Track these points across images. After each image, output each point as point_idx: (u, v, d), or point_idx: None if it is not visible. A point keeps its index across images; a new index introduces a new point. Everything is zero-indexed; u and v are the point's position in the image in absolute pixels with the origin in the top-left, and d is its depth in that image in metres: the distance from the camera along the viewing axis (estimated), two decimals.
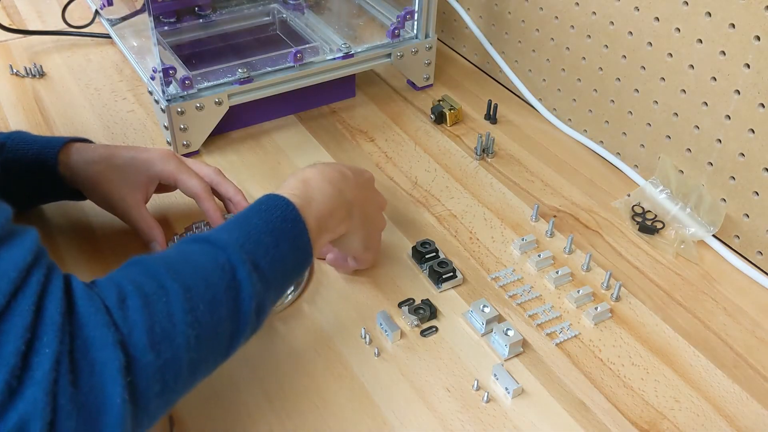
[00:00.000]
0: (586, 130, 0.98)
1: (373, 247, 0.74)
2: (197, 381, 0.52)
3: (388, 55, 1.02)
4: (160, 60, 0.86)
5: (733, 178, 0.80)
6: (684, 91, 0.83)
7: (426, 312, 0.72)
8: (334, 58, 0.98)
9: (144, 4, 0.83)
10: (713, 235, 0.82)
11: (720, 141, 0.80)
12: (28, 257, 0.46)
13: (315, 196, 0.63)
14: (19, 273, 0.44)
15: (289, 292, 0.74)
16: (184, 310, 0.50)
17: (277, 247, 0.57)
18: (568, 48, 0.97)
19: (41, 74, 1.09)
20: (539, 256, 0.79)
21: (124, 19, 1.08)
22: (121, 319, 0.47)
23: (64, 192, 0.78)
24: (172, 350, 0.48)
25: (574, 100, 0.99)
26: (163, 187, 0.78)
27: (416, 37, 1.04)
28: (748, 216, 0.80)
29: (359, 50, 1.00)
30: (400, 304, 0.73)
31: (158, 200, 0.85)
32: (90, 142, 0.79)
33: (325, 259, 0.76)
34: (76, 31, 1.17)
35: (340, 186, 0.66)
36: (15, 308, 0.43)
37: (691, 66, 0.81)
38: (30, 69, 1.08)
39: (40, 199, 0.82)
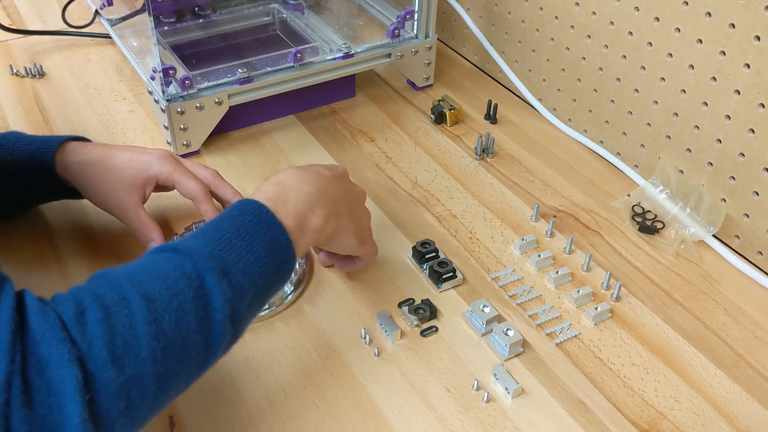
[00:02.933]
0: (586, 130, 0.98)
1: (368, 240, 0.72)
2: (170, 396, 0.50)
3: (388, 55, 1.02)
4: (160, 60, 0.86)
5: (733, 178, 0.80)
6: (684, 91, 0.83)
7: (426, 312, 0.72)
8: (334, 58, 0.98)
9: (144, 4, 0.83)
10: (713, 235, 0.82)
11: (720, 141, 0.80)
12: None
13: (290, 196, 0.61)
14: None
15: (289, 292, 0.74)
16: (147, 322, 0.47)
17: (251, 251, 0.55)
18: (568, 48, 0.97)
19: (41, 74, 1.09)
20: (539, 256, 0.79)
21: (124, 19, 1.08)
22: (79, 333, 0.45)
23: (62, 191, 0.77)
24: (135, 365, 0.46)
25: (574, 100, 0.99)
26: (162, 187, 0.77)
27: (416, 37, 1.04)
28: (748, 216, 0.80)
29: (359, 50, 1.00)
30: (400, 304, 0.73)
31: (158, 201, 0.85)
32: (87, 140, 0.79)
33: (330, 266, 0.76)
34: (76, 31, 1.17)
35: (319, 185, 0.64)
36: None
37: (691, 66, 0.81)
38: (30, 69, 1.08)
39: (38, 199, 0.81)
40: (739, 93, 0.77)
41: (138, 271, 0.51)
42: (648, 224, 0.84)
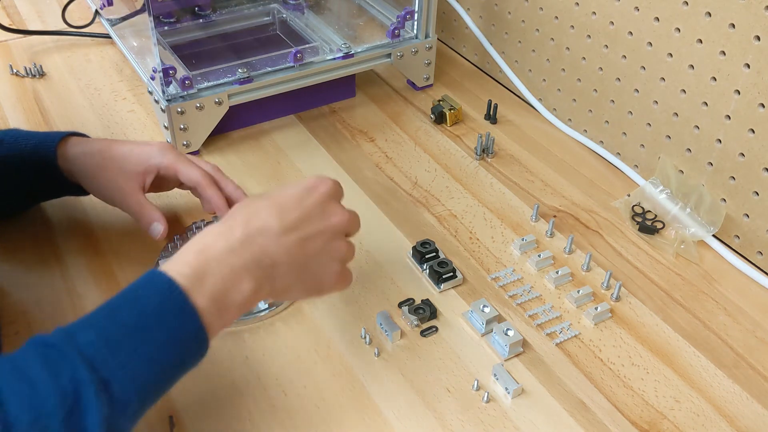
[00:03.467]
0: (586, 130, 0.98)
1: (330, 285, 0.61)
2: None
3: (388, 55, 1.02)
4: (160, 60, 0.86)
5: (733, 178, 0.80)
6: (684, 91, 0.83)
7: (426, 312, 0.72)
8: (334, 58, 0.98)
9: (144, 4, 0.83)
10: (713, 235, 0.82)
11: (720, 141, 0.80)
12: None
13: (211, 269, 0.52)
14: None
15: None
16: None
17: (149, 344, 0.48)
18: (568, 48, 0.97)
19: (41, 74, 1.09)
20: (539, 256, 0.79)
21: (124, 19, 1.08)
22: None
23: (64, 186, 0.77)
24: None
25: (574, 100, 0.99)
26: (161, 183, 0.77)
27: (416, 37, 1.04)
28: (748, 216, 0.80)
29: (359, 50, 1.00)
30: (400, 304, 0.73)
31: (157, 201, 0.85)
32: (87, 136, 0.79)
33: None
34: (76, 31, 1.17)
35: (254, 248, 0.54)
36: None
37: (691, 66, 0.81)
38: (30, 69, 1.08)
39: (39, 195, 0.81)
40: (739, 93, 0.77)
41: (6, 380, 0.44)
42: (648, 224, 0.84)
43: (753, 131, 0.76)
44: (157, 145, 0.76)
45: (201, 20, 1.07)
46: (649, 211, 0.86)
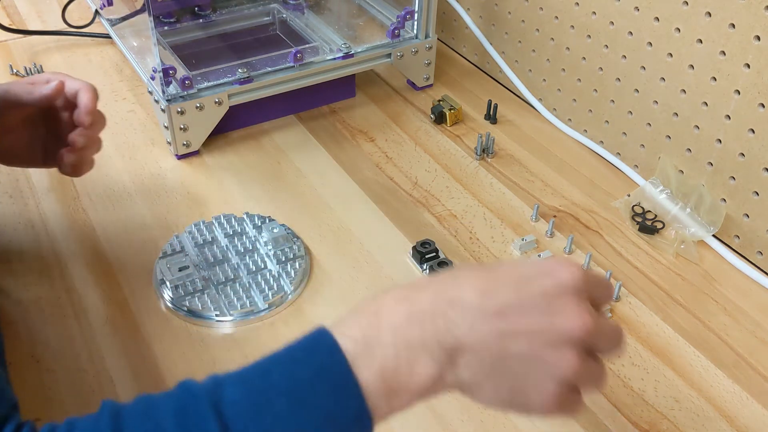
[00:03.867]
0: (586, 130, 0.98)
1: (534, 406, 0.43)
2: None
3: (388, 55, 1.02)
4: (160, 60, 0.86)
5: (733, 178, 0.80)
6: (684, 91, 0.83)
7: None
8: (334, 58, 0.98)
9: (144, 4, 0.83)
10: (713, 235, 0.82)
11: (720, 141, 0.80)
12: None
13: (384, 338, 0.41)
14: None
15: (289, 291, 0.73)
16: None
17: (294, 416, 0.40)
18: (568, 48, 0.97)
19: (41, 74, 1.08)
20: (539, 256, 0.78)
21: (124, 19, 1.08)
22: None
23: None
24: None
25: (574, 100, 0.99)
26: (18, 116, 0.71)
27: (416, 37, 1.04)
28: (748, 216, 0.80)
29: (359, 50, 1.00)
30: None
31: (157, 201, 0.85)
32: None
33: None
34: (76, 31, 1.17)
35: (449, 315, 0.42)
36: None
37: (691, 66, 0.81)
38: (30, 69, 1.08)
39: None
40: (739, 93, 0.77)
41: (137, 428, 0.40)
42: (648, 224, 0.84)
43: (753, 131, 0.76)
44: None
45: (201, 20, 1.07)
46: (649, 211, 0.86)
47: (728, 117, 0.78)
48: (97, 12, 1.15)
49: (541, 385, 0.42)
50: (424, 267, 0.77)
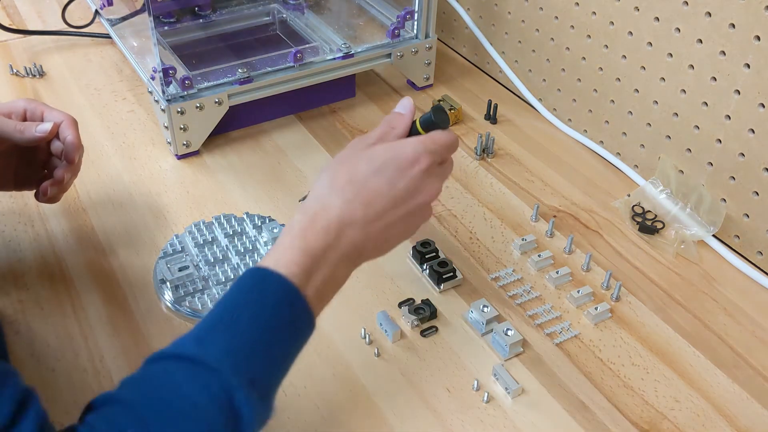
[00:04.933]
0: (586, 130, 0.98)
1: (394, 245, 0.61)
2: None
3: (388, 55, 1.02)
4: (160, 60, 0.86)
5: (733, 178, 0.80)
6: (684, 91, 0.83)
7: (426, 312, 0.72)
8: (334, 58, 0.98)
9: (144, 4, 0.83)
10: (713, 235, 0.82)
11: (720, 141, 0.80)
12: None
13: (316, 267, 0.53)
14: None
15: None
16: None
17: (277, 342, 0.50)
18: (568, 48, 0.97)
19: (41, 74, 1.09)
20: (539, 256, 0.79)
21: (124, 19, 1.08)
22: None
23: None
24: None
25: (574, 100, 0.99)
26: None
27: (416, 37, 1.04)
28: (748, 216, 0.80)
29: (359, 50, 1.00)
30: (400, 304, 0.73)
31: (157, 200, 0.85)
32: None
33: None
34: (76, 31, 1.17)
35: (348, 234, 0.56)
36: None
37: (691, 66, 0.81)
38: (30, 69, 1.08)
39: None
40: (739, 93, 0.77)
41: (161, 399, 0.46)
42: (648, 224, 0.84)
43: (753, 131, 0.76)
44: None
45: (201, 20, 1.07)
46: (649, 211, 0.86)
47: (728, 117, 0.78)
48: (97, 12, 1.15)
49: (407, 233, 0.60)
50: (424, 267, 0.77)
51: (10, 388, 0.44)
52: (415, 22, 1.03)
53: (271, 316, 0.50)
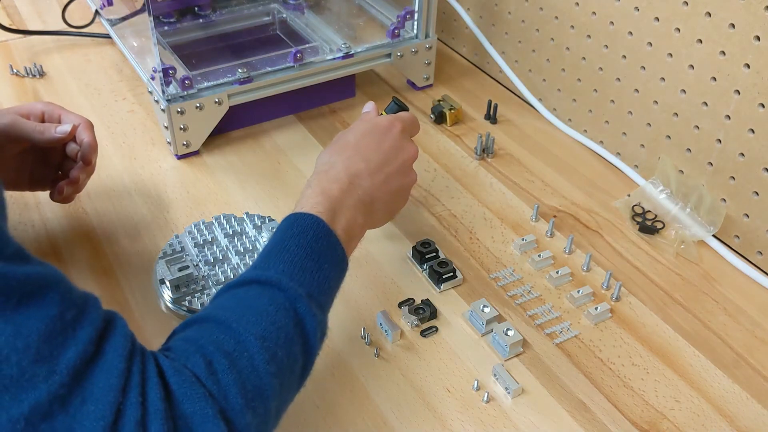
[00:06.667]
0: (586, 130, 0.98)
1: (400, 208, 0.74)
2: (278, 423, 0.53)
3: (388, 55, 1.02)
4: (160, 60, 0.86)
5: (733, 178, 0.80)
6: (684, 91, 0.83)
7: (426, 312, 0.72)
8: (334, 58, 0.98)
9: (144, 4, 0.83)
10: (713, 235, 0.82)
11: (720, 141, 0.80)
12: (128, 344, 0.45)
13: (338, 208, 0.62)
14: (126, 364, 0.44)
15: None
16: (265, 361, 0.49)
17: (320, 269, 0.57)
18: (568, 48, 0.97)
19: (41, 74, 1.09)
20: (539, 256, 0.78)
21: (124, 19, 1.08)
22: (215, 386, 0.47)
23: None
24: (264, 405, 0.49)
25: (574, 100, 0.99)
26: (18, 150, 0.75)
27: (416, 37, 1.04)
28: (748, 216, 0.80)
29: (359, 50, 1.00)
30: (400, 304, 0.73)
31: (156, 201, 0.85)
32: None
33: None
34: (76, 31, 1.17)
35: (359, 183, 0.65)
36: (126, 404, 0.43)
37: (691, 66, 0.81)
38: (30, 69, 1.08)
39: None
40: (739, 93, 0.77)
41: (239, 312, 0.52)
42: (648, 224, 0.84)
43: (753, 131, 0.76)
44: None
45: (201, 20, 1.07)
46: (649, 211, 0.86)
47: (728, 117, 0.78)
48: (97, 12, 1.15)
49: (404, 196, 0.72)
50: (424, 267, 0.77)
51: (93, 311, 0.45)
52: (415, 22, 1.03)
53: (313, 242, 0.58)
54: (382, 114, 0.76)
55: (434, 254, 0.78)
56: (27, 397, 0.39)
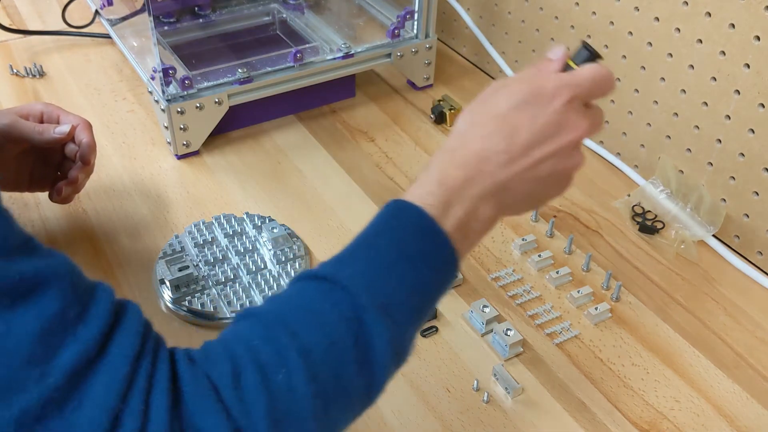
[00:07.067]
0: None
1: (551, 199, 0.58)
2: None
3: (388, 55, 1.02)
4: (160, 60, 0.86)
5: (733, 178, 0.80)
6: (684, 91, 0.83)
7: None
8: (334, 58, 0.98)
9: (144, 4, 0.83)
10: (713, 235, 0.82)
11: (720, 141, 0.80)
12: (136, 344, 0.41)
13: (453, 200, 0.51)
14: (131, 366, 0.40)
15: None
16: (306, 380, 0.43)
17: (413, 271, 0.48)
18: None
19: (41, 74, 1.09)
20: (539, 256, 0.78)
21: (124, 19, 1.08)
22: (237, 403, 0.41)
23: None
24: (297, 427, 0.43)
25: None
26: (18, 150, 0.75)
27: (416, 37, 1.04)
28: (748, 216, 0.80)
29: (359, 50, 1.00)
30: None
31: (156, 200, 0.85)
32: None
33: None
34: (76, 31, 1.17)
35: (490, 170, 0.52)
36: (126, 411, 0.39)
37: (691, 66, 0.81)
38: (30, 69, 1.08)
39: None
40: (739, 93, 0.77)
41: (292, 312, 0.46)
42: (648, 224, 0.84)
43: (753, 131, 0.76)
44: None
45: (201, 20, 1.07)
46: (649, 211, 0.86)
47: (728, 117, 0.78)
48: (97, 12, 1.15)
49: (561, 183, 0.55)
50: None
51: (100, 306, 0.42)
52: (415, 22, 1.03)
53: (408, 243, 0.49)
54: (568, 66, 0.59)
55: None
56: (18, 400, 0.37)
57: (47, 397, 0.37)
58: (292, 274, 0.75)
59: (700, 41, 0.79)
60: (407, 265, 0.48)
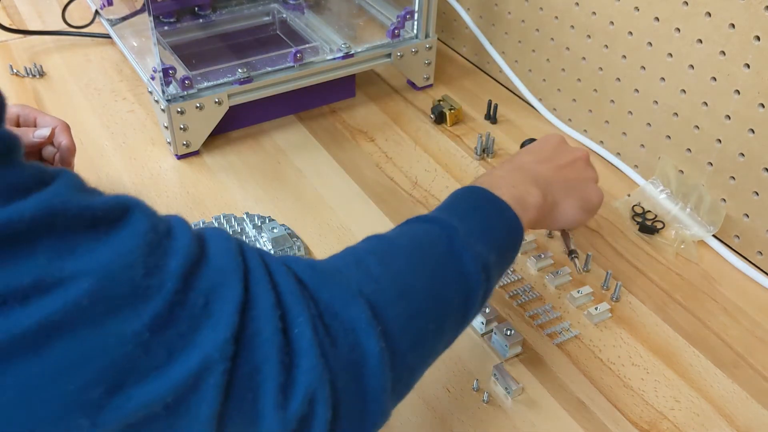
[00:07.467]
0: (586, 130, 0.98)
1: (596, 202, 0.70)
2: (443, 343, 0.54)
3: (388, 55, 1.02)
4: (160, 60, 0.86)
5: (733, 178, 0.80)
6: (684, 91, 0.83)
7: None
8: (334, 58, 0.98)
9: (144, 4, 0.83)
10: (713, 235, 0.82)
11: (720, 141, 0.80)
12: (231, 238, 0.44)
13: (498, 183, 0.61)
14: (237, 258, 0.43)
15: None
16: (417, 266, 0.51)
17: (487, 219, 0.57)
18: (568, 48, 0.97)
19: (41, 74, 1.09)
20: (539, 256, 0.78)
21: (124, 19, 1.09)
22: (363, 274, 0.48)
23: None
24: (416, 301, 0.49)
25: (574, 100, 0.99)
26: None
27: (416, 37, 1.04)
28: (748, 216, 0.80)
29: (359, 50, 1.00)
30: None
31: (157, 201, 0.85)
32: None
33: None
34: (76, 31, 1.17)
35: (527, 167, 0.65)
36: (255, 290, 0.42)
37: (691, 66, 0.81)
38: (30, 69, 1.08)
39: None
40: (739, 93, 0.77)
41: (394, 234, 0.54)
42: (648, 224, 0.84)
43: (753, 131, 0.76)
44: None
45: (201, 20, 1.07)
46: (649, 211, 0.86)
47: (728, 117, 0.78)
48: (97, 12, 1.15)
49: (592, 189, 0.70)
50: None
51: (178, 221, 0.44)
52: (415, 22, 1.03)
53: (482, 204, 0.58)
54: None
55: None
56: (145, 308, 0.38)
57: (171, 300, 0.39)
58: None
59: (700, 41, 0.79)
60: (481, 215, 0.57)
